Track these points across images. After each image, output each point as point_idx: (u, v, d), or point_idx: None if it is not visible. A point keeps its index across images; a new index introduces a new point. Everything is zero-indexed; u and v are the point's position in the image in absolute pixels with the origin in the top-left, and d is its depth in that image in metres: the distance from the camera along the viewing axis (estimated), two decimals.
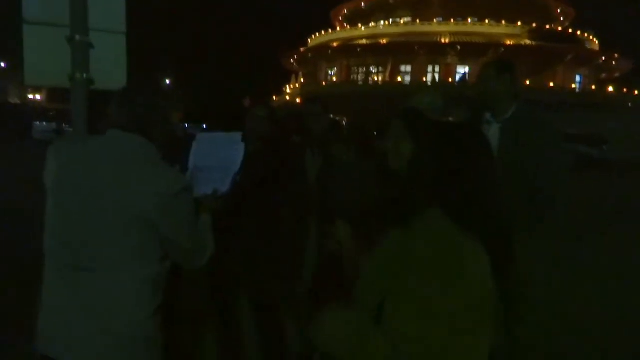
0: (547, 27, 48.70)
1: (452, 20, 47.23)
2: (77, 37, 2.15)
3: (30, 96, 58.79)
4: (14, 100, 52.38)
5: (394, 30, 49.40)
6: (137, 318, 1.56)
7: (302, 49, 54.81)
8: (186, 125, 23.94)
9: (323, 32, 55.35)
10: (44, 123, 24.68)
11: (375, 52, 48.05)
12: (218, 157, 2.22)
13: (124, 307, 1.55)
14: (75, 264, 1.53)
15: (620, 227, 7.70)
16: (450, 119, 2.75)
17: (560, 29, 50.29)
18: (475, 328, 1.11)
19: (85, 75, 2.18)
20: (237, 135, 2.29)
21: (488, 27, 47.03)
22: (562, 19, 53.57)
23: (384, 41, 48.04)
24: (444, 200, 1.19)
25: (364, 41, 49.79)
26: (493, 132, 2.73)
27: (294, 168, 3.00)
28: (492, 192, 1.22)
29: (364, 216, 1.95)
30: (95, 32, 2.22)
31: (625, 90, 45.21)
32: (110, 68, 2.29)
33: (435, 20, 47.66)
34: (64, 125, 22.64)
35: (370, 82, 47.94)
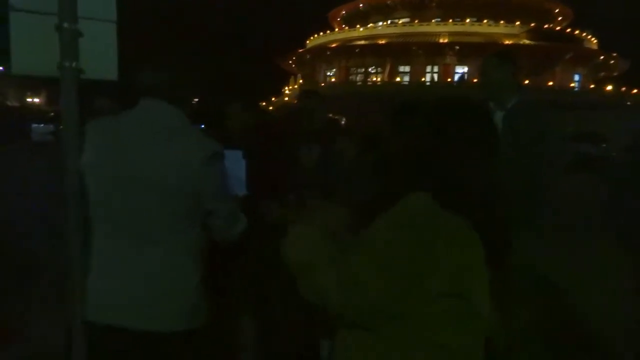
0: (546, 26, 48.73)
1: (450, 20, 47.19)
2: (66, 24, 2.08)
3: (29, 99, 58.84)
4: (13, 103, 52.39)
5: (392, 30, 49.35)
6: (189, 285, 1.63)
7: (300, 50, 54.81)
8: None
9: (321, 33, 55.35)
10: (42, 125, 24.69)
11: (373, 52, 48.02)
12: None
13: (179, 274, 1.61)
14: (127, 233, 1.59)
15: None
16: None
17: (558, 28, 50.32)
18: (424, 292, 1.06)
19: (74, 64, 2.12)
20: (237, 153, 2.29)
21: (486, 27, 47.01)
22: (560, 18, 53.60)
23: (383, 42, 48.04)
24: (424, 182, 1.15)
25: (362, 42, 49.78)
26: (496, 121, 2.74)
27: (282, 162, 2.98)
28: (480, 177, 1.16)
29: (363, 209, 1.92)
30: (85, 20, 2.16)
31: (624, 88, 45.24)
32: (100, 57, 2.22)
33: (433, 21, 47.61)
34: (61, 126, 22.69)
35: (369, 83, 47.95)
